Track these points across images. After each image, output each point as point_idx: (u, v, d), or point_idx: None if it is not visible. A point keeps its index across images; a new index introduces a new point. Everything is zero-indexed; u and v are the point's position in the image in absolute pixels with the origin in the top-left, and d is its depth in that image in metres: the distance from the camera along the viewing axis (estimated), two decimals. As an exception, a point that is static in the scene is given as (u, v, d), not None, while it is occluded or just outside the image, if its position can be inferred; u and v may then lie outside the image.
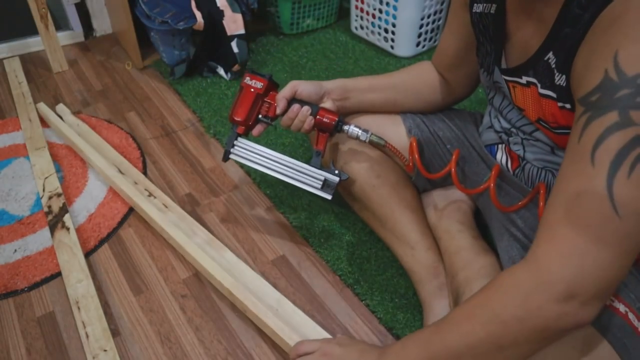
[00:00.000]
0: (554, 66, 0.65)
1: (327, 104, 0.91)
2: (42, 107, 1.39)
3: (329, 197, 0.89)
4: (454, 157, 0.86)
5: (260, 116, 0.91)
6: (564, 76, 0.63)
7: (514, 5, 0.72)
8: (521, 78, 0.72)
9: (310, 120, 0.88)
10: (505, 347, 0.57)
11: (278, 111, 0.89)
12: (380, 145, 0.91)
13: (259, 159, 0.91)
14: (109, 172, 1.15)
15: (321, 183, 0.89)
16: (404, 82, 0.97)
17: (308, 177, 0.89)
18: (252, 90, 0.89)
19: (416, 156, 0.90)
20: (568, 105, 0.65)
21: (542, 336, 0.55)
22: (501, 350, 0.57)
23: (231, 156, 0.92)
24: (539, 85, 0.69)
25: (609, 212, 0.51)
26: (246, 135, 0.92)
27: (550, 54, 0.65)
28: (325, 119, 0.88)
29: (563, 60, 0.63)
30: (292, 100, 0.88)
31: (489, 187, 0.82)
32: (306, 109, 0.88)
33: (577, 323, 0.54)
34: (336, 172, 0.89)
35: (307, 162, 0.90)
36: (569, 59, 0.61)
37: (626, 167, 0.50)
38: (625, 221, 0.50)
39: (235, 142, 0.91)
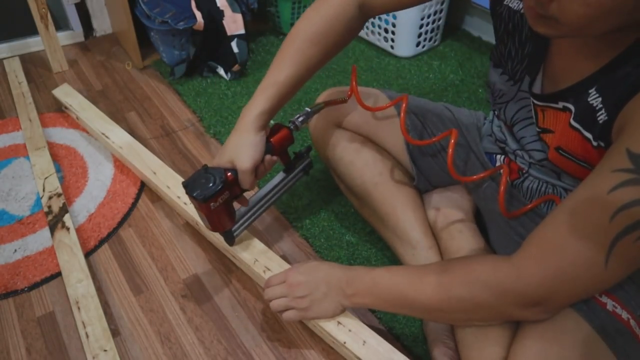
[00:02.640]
0: (596, 103, 0.61)
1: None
2: (64, 88, 1.42)
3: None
4: (452, 138, 0.78)
5: (235, 201, 0.86)
6: (606, 114, 0.60)
7: None
8: (557, 103, 0.67)
9: (275, 159, 0.86)
10: (470, 313, 0.67)
11: (252, 190, 0.85)
12: (322, 108, 0.93)
13: (254, 216, 0.93)
14: (134, 145, 1.21)
15: (303, 173, 0.98)
16: (323, 58, 0.83)
17: (293, 180, 0.97)
18: (223, 203, 0.81)
19: (353, 83, 0.91)
20: (602, 144, 0.62)
21: (505, 319, 0.68)
22: (465, 313, 0.68)
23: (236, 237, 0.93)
24: (572, 114, 0.65)
25: (600, 261, 0.55)
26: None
27: (594, 90, 0.61)
28: (285, 144, 0.87)
29: (613, 100, 0.59)
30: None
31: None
32: (269, 159, 0.84)
33: (537, 319, 0.64)
34: (303, 154, 0.96)
35: (283, 170, 0.95)
36: (622, 100, 0.57)
37: (638, 233, 0.52)
38: (609, 270, 0.55)
39: (233, 231, 0.91)
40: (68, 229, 1.03)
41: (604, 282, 0.58)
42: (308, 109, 0.90)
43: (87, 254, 1.02)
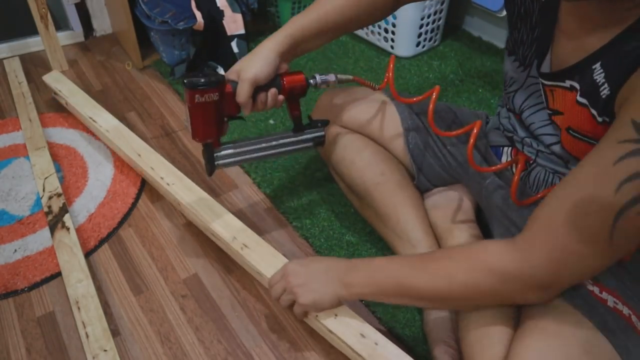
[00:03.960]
0: (599, 79, 0.61)
1: (282, 66, 0.83)
2: (54, 74, 1.43)
3: (322, 146, 0.94)
4: (475, 129, 0.77)
5: (226, 119, 0.83)
6: (608, 89, 0.60)
7: (570, 6, 0.66)
8: (564, 82, 0.67)
9: (281, 98, 0.83)
10: (473, 300, 0.67)
11: (246, 112, 0.81)
12: (349, 81, 0.90)
13: (245, 155, 0.88)
14: (122, 130, 1.23)
15: (311, 143, 0.92)
16: (356, 16, 0.85)
17: (297, 144, 0.91)
18: (209, 104, 0.78)
19: (390, 74, 0.90)
20: (607, 119, 0.62)
21: (509, 303, 0.67)
22: (468, 299, 0.68)
23: (217, 167, 0.87)
24: (578, 92, 0.65)
25: (605, 235, 0.54)
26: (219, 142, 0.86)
27: (598, 65, 0.61)
28: (295, 88, 0.83)
29: (616, 74, 0.59)
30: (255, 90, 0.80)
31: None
32: (274, 92, 0.81)
33: (540, 302, 0.63)
34: (318, 124, 0.90)
35: (291, 129, 0.89)
36: (625, 74, 0.57)
37: None
38: (614, 244, 0.55)
39: (215, 155, 0.86)
40: (68, 229, 1.03)
41: (609, 257, 0.57)
42: (335, 75, 0.88)
43: (87, 254, 1.02)
